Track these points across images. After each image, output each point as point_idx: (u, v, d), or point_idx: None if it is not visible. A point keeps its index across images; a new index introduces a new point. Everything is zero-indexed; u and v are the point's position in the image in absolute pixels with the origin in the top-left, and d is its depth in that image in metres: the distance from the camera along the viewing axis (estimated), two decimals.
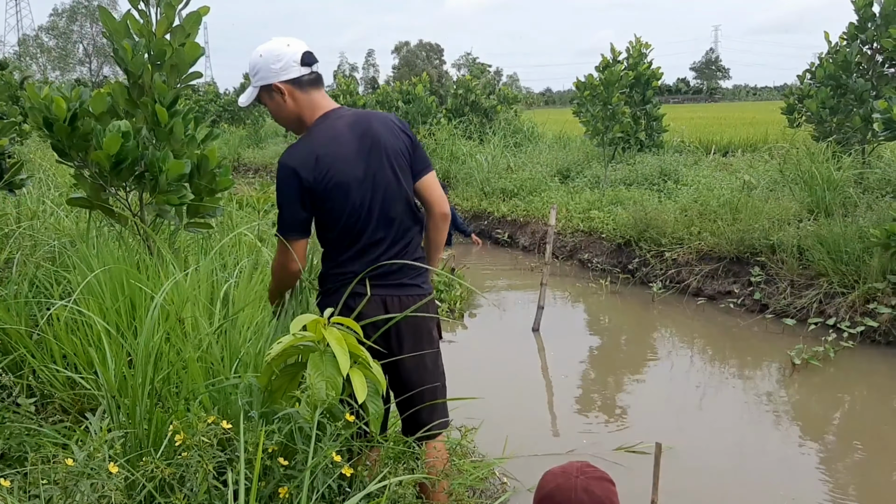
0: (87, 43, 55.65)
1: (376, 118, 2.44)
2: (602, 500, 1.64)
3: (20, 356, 2.95)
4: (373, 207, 2.37)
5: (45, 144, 5.64)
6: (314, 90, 2.40)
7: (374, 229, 2.38)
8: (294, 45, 2.37)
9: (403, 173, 2.41)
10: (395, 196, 2.39)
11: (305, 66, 2.36)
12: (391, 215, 2.39)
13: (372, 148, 2.36)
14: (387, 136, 2.39)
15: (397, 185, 2.39)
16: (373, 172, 2.36)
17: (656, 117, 12.17)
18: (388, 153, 2.38)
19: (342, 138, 2.35)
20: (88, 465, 1.84)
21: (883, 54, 8.01)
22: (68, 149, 3.70)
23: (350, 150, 2.35)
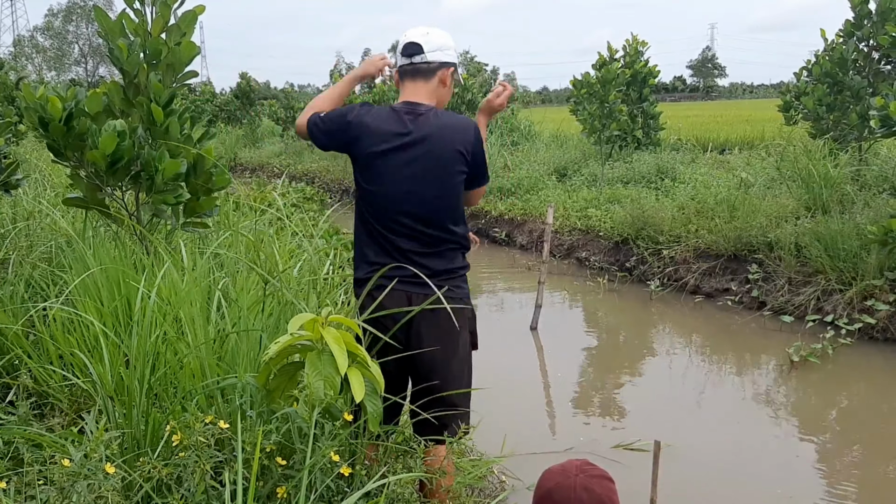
0: (82, 43, 55.55)
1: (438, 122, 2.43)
2: (602, 498, 1.63)
3: (16, 357, 2.94)
4: (406, 202, 2.39)
5: (41, 144, 5.62)
6: (407, 80, 2.47)
7: (403, 225, 2.40)
8: (410, 34, 2.48)
9: (447, 178, 2.41)
10: (430, 199, 2.40)
11: (403, 57, 2.46)
12: (424, 216, 2.40)
13: (417, 143, 2.39)
14: (438, 138, 2.39)
15: (436, 188, 2.40)
16: (412, 170, 2.39)
17: (653, 115, 12.17)
18: (435, 155, 2.38)
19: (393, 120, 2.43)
20: (85, 466, 1.83)
21: (879, 51, 8.02)
22: (64, 149, 3.69)
23: (391, 133, 2.40)
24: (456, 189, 2.43)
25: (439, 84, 2.46)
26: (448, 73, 2.47)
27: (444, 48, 2.45)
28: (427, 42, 2.41)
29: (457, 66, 2.51)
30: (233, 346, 2.60)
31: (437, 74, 2.45)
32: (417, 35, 2.44)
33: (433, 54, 2.42)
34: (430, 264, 2.40)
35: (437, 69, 2.44)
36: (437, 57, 2.43)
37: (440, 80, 2.45)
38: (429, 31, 2.44)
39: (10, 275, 3.65)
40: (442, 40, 2.44)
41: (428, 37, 2.43)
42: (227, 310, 2.91)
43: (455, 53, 2.50)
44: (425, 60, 2.42)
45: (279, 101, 24.15)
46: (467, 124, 2.44)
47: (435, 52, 2.43)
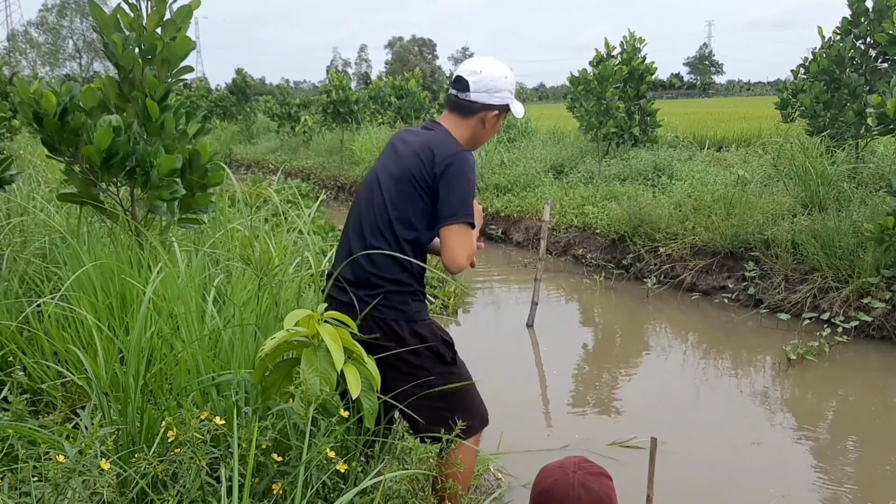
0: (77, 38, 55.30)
1: (421, 139, 2.40)
2: (600, 495, 1.63)
3: (11, 353, 2.92)
4: (359, 213, 2.41)
5: (36, 140, 5.59)
6: (447, 107, 2.50)
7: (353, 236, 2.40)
8: (465, 67, 2.48)
9: (403, 201, 2.33)
10: (377, 216, 2.35)
11: (452, 85, 2.48)
12: (366, 233, 2.35)
13: (398, 151, 2.40)
14: (415, 147, 2.36)
15: (382, 207, 2.35)
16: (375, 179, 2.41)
17: (650, 112, 12.17)
18: (403, 162, 2.35)
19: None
20: (80, 462, 1.82)
21: (876, 49, 8.02)
22: (58, 144, 3.67)
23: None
24: (411, 204, 2.32)
25: (478, 122, 2.43)
26: (491, 115, 2.43)
27: (494, 91, 2.40)
28: (476, 82, 2.38)
29: (507, 107, 2.45)
30: (228, 342, 2.59)
31: (478, 115, 2.42)
32: (470, 71, 2.40)
33: (478, 95, 2.39)
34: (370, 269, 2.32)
35: (479, 110, 2.41)
36: (482, 99, 2.39)
37: (480, 119, 2.43)
38: (482, 70, 2.40)
39: (3, 271, 3.63)
40: (493, 83, 2.39)
41: (479, 76, 2.38)
42: (223, 306, 2.89)
43: (508, 94, 2.44)
44: (468, 99, 2.40)
45: (275, 98, 24.08)
46: (449, 148, 2.33)
47: (481, 93, 2.39)
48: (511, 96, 2.45)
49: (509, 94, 2.44)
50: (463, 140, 2.42)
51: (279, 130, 22.40)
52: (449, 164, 2.28)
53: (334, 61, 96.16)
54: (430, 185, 2.30)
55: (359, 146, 15.63)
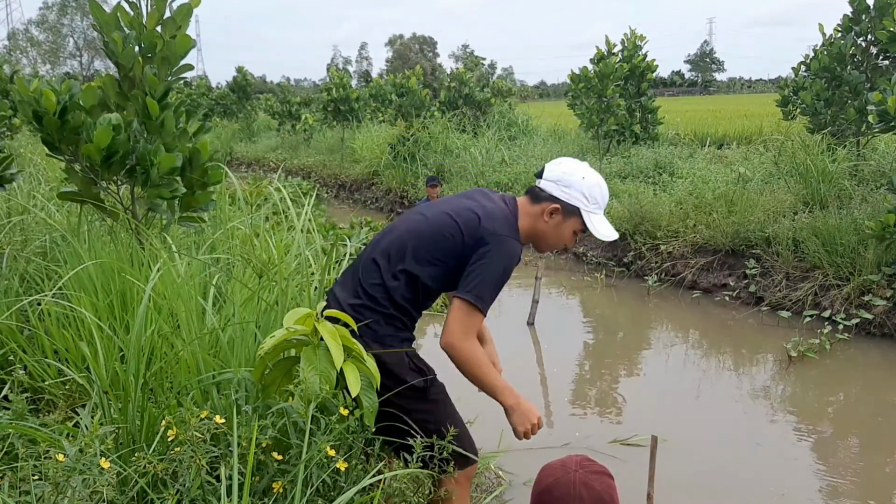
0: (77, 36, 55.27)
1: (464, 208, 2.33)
2: (601, 494, 1.62)
3: (11, 351, 2.92)
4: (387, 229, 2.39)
5: (36, 138, 5.59)
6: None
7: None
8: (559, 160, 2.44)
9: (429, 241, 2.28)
10: (399, 237, 2.31)
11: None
12: (377, 248, 2.33)
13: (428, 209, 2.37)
14: (457, 207, 2.31)
15: (408, 233, 2.31)
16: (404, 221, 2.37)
17: (651, 110, 12.15)
18: (439, 216, 2.31)
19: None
20: (80, 461, 1.82)
21: (877, 46, 8.00)
22: (58, 142, 3.66)
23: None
24: (435, 253, 2.26)
25: (540, 212, 2.34)
26: (553, 209, 2.31)
27: (564, 185, 2.31)
28: (551, 170, 2.35)
29: (576, 210, 2.31)
30: (228, 341, 2.59)
31: (542, 204, 2.33)
32: (555, 161, 2.38)
33: (547, 183, 2.33)
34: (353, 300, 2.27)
35: (544, 199, 2.33)
36: (549, 188, 2.32)
37: (542, 209, 2.33)
38: (563, 163, 2.36)
39: (4, 269, 3.63)
40: (567, 177, 2.31)
41: (557, 166, 2.35)
42: (222, 305, 2.89)
43: (581, 198, 2.30)
44: (538, 185, 2.36)
45: (275, 96, 24.08)
46: (498, 226, 2.25)
47: (550, 182, 2.33)
48: (585, 202, 2.30)
49: (583, 199, 2.30)
50: (524, 228, 2.34)
51: (280, 128, 22.40)
52: (487, 243, 2.22)
53: (335, 59, 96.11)
54: (461, 253, 2.26)
55: (359, 144, 15.62)
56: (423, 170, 12.79)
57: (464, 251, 2.24)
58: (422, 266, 2.26)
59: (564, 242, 2.40)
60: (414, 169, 12.98)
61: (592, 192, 2.31)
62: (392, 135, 14.15)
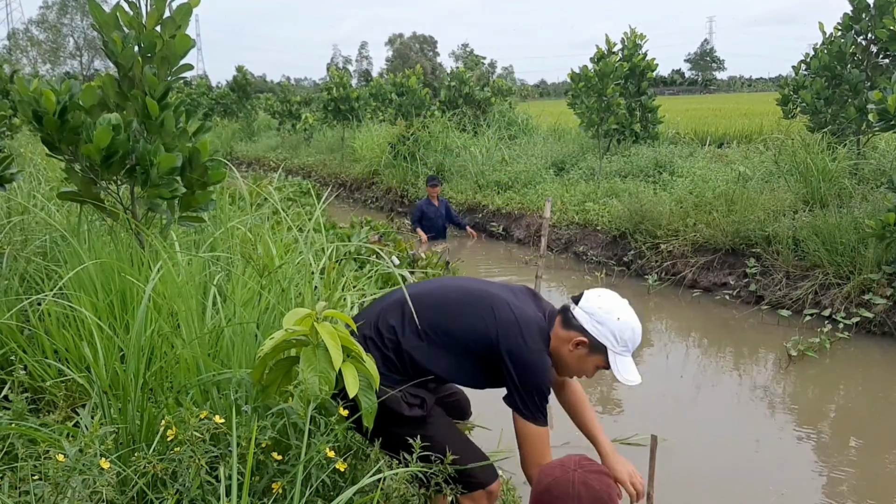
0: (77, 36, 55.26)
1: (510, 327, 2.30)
2: (600, 493, 1.63)
3: (11, 351, 2.92)
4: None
5: (36, 138, 5.59)
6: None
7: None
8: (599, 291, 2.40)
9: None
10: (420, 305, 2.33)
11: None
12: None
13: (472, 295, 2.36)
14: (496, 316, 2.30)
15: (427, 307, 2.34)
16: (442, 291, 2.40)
17: (651, 109, 12.14)
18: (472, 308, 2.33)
19: None
20: (80, 461, 1.82)
21: (877, 45, 7.99)
22: (58, 142, 3.66)
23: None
24: (461, 347, 2.29)
25: (567, 339, 2.30)
26: (581, 341, 2.27)
27: (598, 321, 2.25)
28: (589, 300, 2.30)
29: (603, 348, 2.26)
30: (228, 341, 2.59)
31: (571, 332, 2.29)
32: (597, 293, 2.33)
33: (580, 312, 2.28)
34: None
35: (575, 328, 2.28)
36: (582, 319, 2.27)
37: (569, 336, 2.29)
38: (602, 296, 2.31)
39: (4, 269, 3.63)
40: (603, 314, 2.25)
41: (597, 300, 2.29)
42: (222, 305, 2.89)
43: (612, 338, 2.24)
44: (572, 311, 2.31)
45: (275, 95, 24.09)
46: (526, 343, 2.26)
47: (584, 314, 2.28)
48: (615, 343, 2.25)
49: (613, 340, 2.24)
50: (553, 345, 2.33)
51: (280, 128, 22.40)
52: (510, 353, 2.24)
53: (335, 58, 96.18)
54: (493, 355, 2.26)
55: (359, 143, 15.62)
56: (424, 169, 12.79)
57: (489, 352, 2.27)
58: (433, 340, 2.30)
59: (584, 374, 2.36)
60: (414, 168, 12.98)
61: (624, 335, 2.25)
62: (392, 134, 14.15)
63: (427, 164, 12.91)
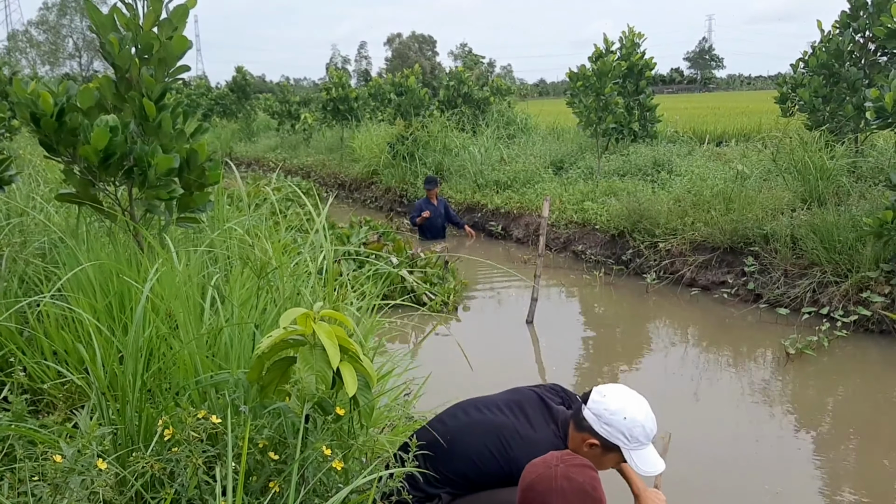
0: (76, 37, 55.26)
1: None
2: (583, 485, 1.64)
3: (10, 353, 2.93)
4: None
5: (34, 140, 5.60)
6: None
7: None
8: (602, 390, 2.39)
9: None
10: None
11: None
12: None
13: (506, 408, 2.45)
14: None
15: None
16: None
17: (650, 108, 12.15)
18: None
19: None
20: (78, 462, 1.83)
21: (875, 42, 8.00)
22: (56, 144, 3.67)
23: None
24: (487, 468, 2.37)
25: (582, 442, 2.32)
26: (592, 443, 2.28)
27: (605, 423, 2.25)
28: (595, 402, 2.29)
29: (616, 448, 2.26)
30: (226, 342, 2.60)
31: (583, 433, 2.31)
32: (602, 391, 2.32)
33: (589, 414, 2.29)
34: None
35: (585, 430, 2.30)
36: (591, 420, 2.28)
37: (583, 439, 2.31)
38: (606, 395, 2.29)
39: (3, 271, 3.64)
40: (609, 415, 2.24)
41: (602, 399, 2.28)
42: (221, 305, 2.90)
43: (622, 438, 2.24)
44: (581, 412, 2.32)
45: (275, 95, 24.09)
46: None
47: (592, 415, 2.28)
48: (626, 441, 2.23)
49: (624, 438, 2.23)
50: (571, 449, 2.35)
51: (279, 128, 22.39)
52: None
53: (334, 58, 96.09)
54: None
55: (358, 143, 15.62)
56: (423, 169, 12.80)
57: (511, 479, 2.27)
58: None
59: (605, 468, 2.35)
60: (413, 168, 12.99)
61: (634, 432, 2.23)
62: (391, 134, 14.15)
63: (426, 164, 12.92)
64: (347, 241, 7.64)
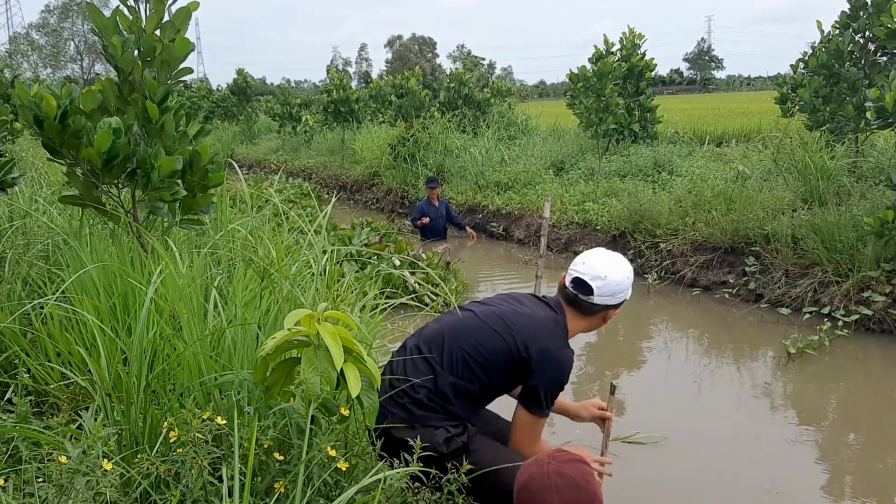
0: (78, 40, 55.33)
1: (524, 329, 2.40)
2: (577, 480, 1.65)
3: (14, 355, 2.94)
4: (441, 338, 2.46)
5: (37, 142, 5.62)
6: (566, 302, 2.51)
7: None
8: (587, 269, 2.48)
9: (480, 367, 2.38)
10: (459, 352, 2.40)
11: (571, 284, 2.47)
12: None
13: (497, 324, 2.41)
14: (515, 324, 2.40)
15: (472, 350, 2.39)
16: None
17: (650, 108, 12.16)
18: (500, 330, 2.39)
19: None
20: (83, 463, 1.84)
21: (875, 43, 8.01)
22: (59, 146, 3.68)
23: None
24: (489, 374, 2.38)
25: (599, 320, 2.51)
26: (612, 313, 2.50)
27: (617, 293, 2.43)
28: (600, 288, 2.40)
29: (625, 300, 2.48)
30: (230, 343, 2.61)
31: (599, 315, 2.49)
32: (594, 276, 2.40)
33: (602, 299, 2.42)
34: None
35: (600, 311, 2.47)
36: (605, 302, 2.43)
37: (601, 317, 2.50)
38: (607, 276, 2.40)
39: (6, 273, 3.65)
40: (617, 287, 2.42)
41: (604, 282, 2.39)
42: (224, 307, 2.91)
43: (629, 291, 2.48)
44: (591, 302, 2.43)
45: (276, 97, 24.11)
46: (551, 343, 2.39)
47: (605, 297, 2.41)
48: (630, 290, 2.50)
49: (630, 290, 2.49)
50: (575, 331, 2.48)
51: (280, 130, 22.41)
52: (545, 357, 2.35)
53: (335, 60, 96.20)
54: (521, 367, 2.36)
55: (360, 145, 15.65)
56: (424, 170, 12.81)
57: (526, 365, 2.38)
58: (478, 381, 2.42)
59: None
60: (414, 169, 13.00)
61: (632, 280, 2.50)
62: (392, 135, 14.17)
63: (427, 166, 12.93)
64: (349, 243, 7.65)
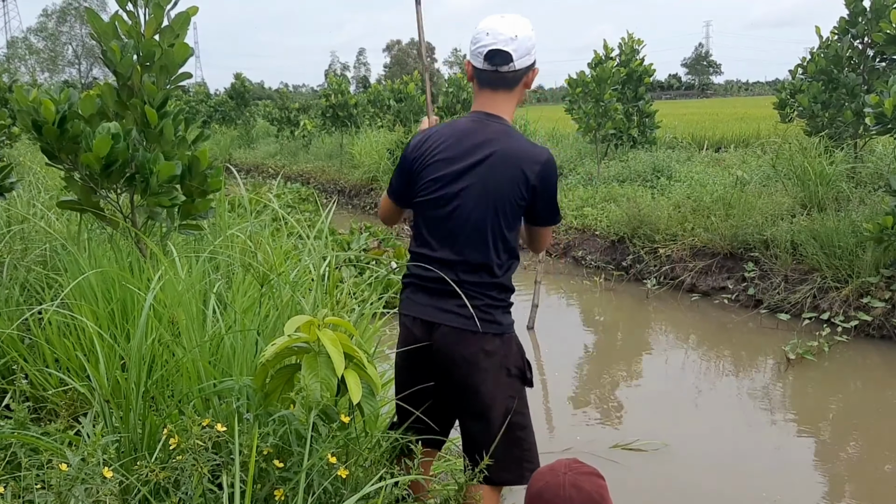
0: (76, 44, 55.34)
1: (506, 153, 2.16)
2: (591, 494, 1.63)
3: (13, 361, 2.93)
4: (458, 217, 2.19)
5: (35, 147, 5.60)
6: (487, 88, 2.22)
7: (447, 241, 2.22)
8: (495, 37, 2.15)
9: (502, 215, 2.18)
10: (479, 225, 2.18)
11: (486, 62, 2.16)
12: (468, 239, 2.20)
13: (478, 165, 2.16)
14: (500, 173, 2.16)
15: (487, 216, 2.18)
16: (467, 186, 2.17)
17: (648, 114, 12.18)
18: (490, 185, 2.16)
19: (459, 135, 2.22)
20: (82, 470, 1.82)
21: (874, 48, 8.03)
22: (58, 151, 3.67)
23: (456, 152, 2.19)
24: (508, 220, 2.19)
25: (522, 88, 2.24)
26: (533, 75, 2.24)
27: (532, 49, 2.18)
28: (516, 50, 2.12)
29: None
30: (229, 349, 2.59)
31: (522, 81, 2.22)
32: (506, 39, 2.12)
33: (521, 61, 2.15)
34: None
35: (522, 76, 2.21)
36: (526, 62, 2.17)
37: (524, 84, 2.23)
38: (517, 35, 2.13)
39: (4, 278, 3.63)
40: (529, 42, 2.16)
41: (517, 42, 2.13)
42: (223, 313, 2.90)
43: (536, 46, 2.22)
44: (513, 69, 2.15)
45: (274, 102, 24.12)
46: (541, 154, 2.18)
47: (523, 58, 2.15)
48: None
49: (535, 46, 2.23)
50: (511, 115, 2.25)
51: (279, 135, 22.42)
52: (545, 177, 2.17)
53: (333, 65, 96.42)
54: (527, 200, 2.19)
55: (358, 150, 15.65)
56: None
57: (530, 197, 2.23)
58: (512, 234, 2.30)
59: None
60: None
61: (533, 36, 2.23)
62: (391, 140, 14.18)
63: None
64: (348, 248, 7.64)
